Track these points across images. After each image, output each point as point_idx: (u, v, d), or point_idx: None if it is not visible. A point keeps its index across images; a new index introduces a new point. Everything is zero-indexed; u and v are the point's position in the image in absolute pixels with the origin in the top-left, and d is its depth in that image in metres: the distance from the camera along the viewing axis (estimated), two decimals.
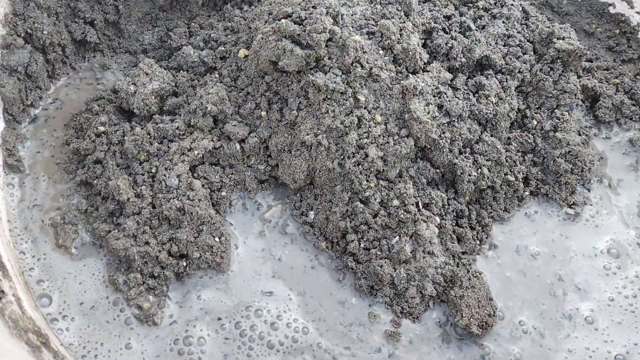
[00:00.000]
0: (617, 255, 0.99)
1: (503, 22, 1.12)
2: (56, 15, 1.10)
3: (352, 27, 1.00)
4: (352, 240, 0.95)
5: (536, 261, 0.98)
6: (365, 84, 0.96)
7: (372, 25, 1.01)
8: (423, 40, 1.05)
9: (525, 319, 0.93)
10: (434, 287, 0.93)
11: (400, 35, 1.00)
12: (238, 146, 1.00)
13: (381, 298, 0.93)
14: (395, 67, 0.99)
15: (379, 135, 0.96)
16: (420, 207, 0.97)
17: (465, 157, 1.00)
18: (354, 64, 0.96)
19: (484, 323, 0.89)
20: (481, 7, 1.14)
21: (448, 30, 1.07)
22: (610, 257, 0.99)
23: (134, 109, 1.02)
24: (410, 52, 0.99)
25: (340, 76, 0.96)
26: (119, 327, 0.88)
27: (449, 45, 1.04)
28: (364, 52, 0.97)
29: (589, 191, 1.05)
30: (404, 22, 1.02)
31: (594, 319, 0.93)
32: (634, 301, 0.95)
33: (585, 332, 0.92)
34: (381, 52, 0.99)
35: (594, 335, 0.92)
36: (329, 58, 0.96)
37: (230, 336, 0.89)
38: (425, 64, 1.03)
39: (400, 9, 1.04)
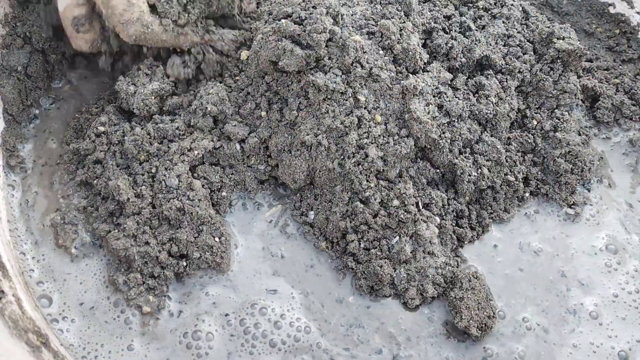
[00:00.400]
0: (615, 251, 0.99)
1: (503, 22, 1.12)
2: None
3: (352, 27, 1.00)
4: (352, 240, 0.95)
5: (539, 257, 0.98)
6: (365, 84, 0.96)
7: (372, 25, 1.01)
8: (423, 40, 1.05)
9: (528, 315, 0.93)
10: (434, 288, 0.93)
11: (400, 35, 1.00)
12: (238, 146, 1.00)
13: (380, 298, 0.93)
14: (395, 67, 0.99)
15: (379, 135, 0.96)
16: (420, 207, 0.97)
17: (465, 157, 1.00)
18: (354, 64, 0.96)
19: (484, 325, 0.89)
20: (481, 7, 1.14)
21: (448, 30, 1.07)
22: (609, 253, 0.99)
23: (133, 109, 1.02)
24: (410, 52, 0.99)
25: (340, 76, 0.96)
26: (120, 328, 0.88)
27: (449, 45, 1.04)
28: (364, 52, 0.97)
29: (589, 191, 1.05)
30: (404, 22, 1.02)
31: (598, 313, 0.93)
32: (637, 297, 0.95)
33: (590, 327, 0.92)
34: (381, 52, 0.99)
35: (598, 330, 0.92)
36: (329, 58, 0.96)
37: (235, 333, 0.89)
38: (425, 64, 1.03)
39: (400, 9, 1.04)
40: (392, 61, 0.99)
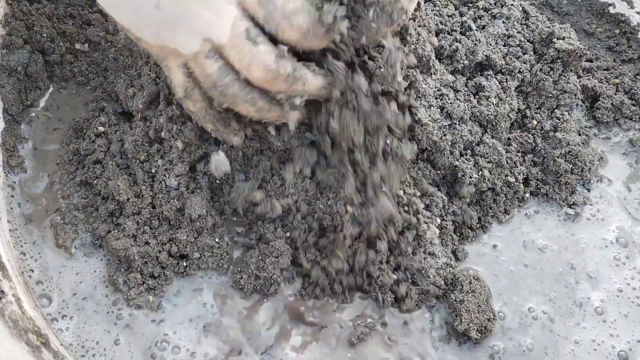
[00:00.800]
0: (625, 244, 0.99)
1: (503, 22, 1.12)
2: (57, 18, 1.10)
3: None
4: None
5: (545, 254, 0.99)
6: None
7: None
8: None
9: (534, 305, 0.93)
10: (434, 290, 0.92)
11: None
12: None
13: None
14: None
15: None
16: (421, 207, 0.97)
17: (466, 159, 1.00)
18: None
19: (483, 328, 0.89)
20: (481, 7, 1.13)
21: (451, 32, 1.07)
22: (619, 246, 0.99)
23: (132, 110, 1.02)
24: None
25: None
26: (107, 321, 0.89)
27: (453, 47, 1.04)
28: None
29: (589, 191, 1.05)
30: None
31: (603, 309, 0.93)
32: None
33: (593, 323, 0.92)
34: None
35: (601, 327, 0.92)
36: None
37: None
38: None
39: None
40: None
